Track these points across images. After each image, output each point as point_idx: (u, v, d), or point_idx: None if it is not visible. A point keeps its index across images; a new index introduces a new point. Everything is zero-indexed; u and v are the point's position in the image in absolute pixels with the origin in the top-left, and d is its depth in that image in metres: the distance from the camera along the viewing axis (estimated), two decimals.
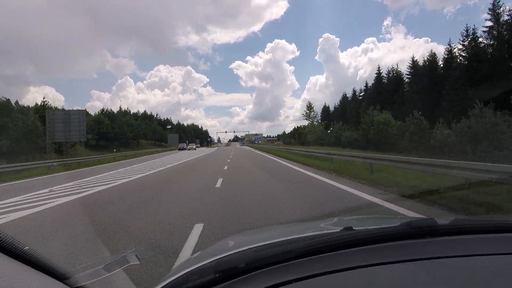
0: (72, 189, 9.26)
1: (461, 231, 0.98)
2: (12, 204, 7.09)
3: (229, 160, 21.15)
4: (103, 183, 10.34)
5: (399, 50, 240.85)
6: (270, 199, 6.54)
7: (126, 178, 11.94)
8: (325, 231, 1.27)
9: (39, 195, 8.21)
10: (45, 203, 6.86)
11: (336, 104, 70.87)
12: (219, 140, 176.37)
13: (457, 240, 0.93)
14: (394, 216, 4.71)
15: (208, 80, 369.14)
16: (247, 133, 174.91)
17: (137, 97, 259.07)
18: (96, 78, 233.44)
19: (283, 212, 5.31)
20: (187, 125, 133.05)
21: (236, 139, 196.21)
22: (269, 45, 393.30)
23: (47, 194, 8.45)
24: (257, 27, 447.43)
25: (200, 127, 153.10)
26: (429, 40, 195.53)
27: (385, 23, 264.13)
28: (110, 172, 14.82)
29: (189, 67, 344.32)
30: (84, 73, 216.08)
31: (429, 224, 0.94)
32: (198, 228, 4.34)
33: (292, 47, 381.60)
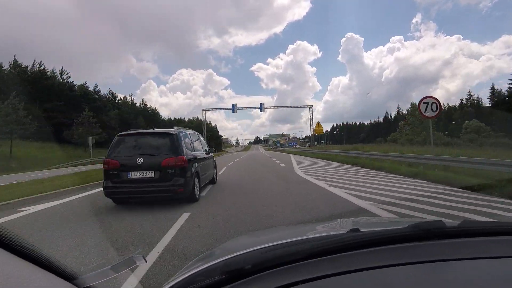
0: None
1: (469, 233, 0.97)
2: None
3: None
4: None
5: (428, 48, 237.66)
6: None
7: None
8: (332, 233, 1.26)
9: None
10: None
11: None
12: (237, 142, 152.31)
13: (465, 243, 0.92)
14: (401, 218, 4.67)
15: (229, 83, 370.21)
16: (271, 133, 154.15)
17: (159, 100, 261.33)
18: (121, 82, 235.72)
19: None
20: (188, 119, 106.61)
21: (257, 140, 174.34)
22: (291, 46, 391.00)
23: None
24: (278, 29, 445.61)
25: (207, 122, 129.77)
26: (461, 37, 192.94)
27: (414, 20, 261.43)
28: None
29: (210, 70, 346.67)
30: (110, 78, 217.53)
31: (437, 226, 0.93)
32: None
33: (314, 48, 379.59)
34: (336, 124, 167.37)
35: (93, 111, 47.58)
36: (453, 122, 55.34)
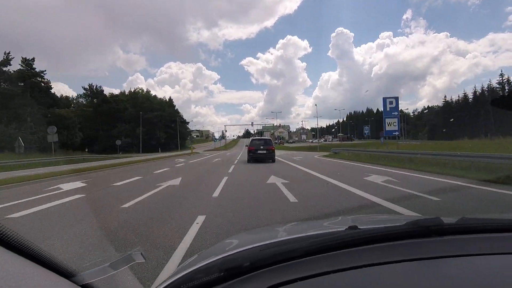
0: None
1: (468, 230, 0.97)
2: None
3: None
4: None
5: (418, 45, 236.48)
6: None
7: None
8: (330, 230, 1.27)
9: None
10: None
11: None
12: (223, 135, 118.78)
13: (464, 239, 0.93)
14: (399, 215, 4.69)
15: (219, 77, 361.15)
16: (265, 124, 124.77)
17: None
18: (107, 75, 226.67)
19: None
20: (135, 90, 72.76)
21: (248, 134, 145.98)
22: (281, 41, 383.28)
23: None
24: (269, 23, 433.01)
25: (162, 98, 77.91)
26: (448, 35, 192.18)
27: (404, 16, 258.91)
28: None
29: (199, 64, 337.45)
30: (96, 70, 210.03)
31: (435, 223, 0.93)
32: None
33: (305, 43, 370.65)
34: (354, 112, 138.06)
35: None
36: None
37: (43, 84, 50.03)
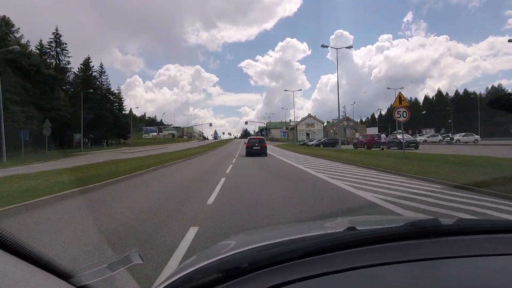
0: None
1: (465, 231, 0.98)
2: None
3: None
4: None
5: (418, 48, 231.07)
6: None
7: None
8: (329, 231, 1.27)
9: None
10: None
11: None
12: (215, 135, 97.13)
13: (461, 241, 0.93)
14: (397, 217, 4.71)
15: (217, 79, 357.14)
16: (272, 120, 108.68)
17: (145, 96, 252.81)
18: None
19: None
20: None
21: (247, 134, 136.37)
22: (280, 43, 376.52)
23: None
24: (269, 25, 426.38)
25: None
26: (448, 38, 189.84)
27: (405, 19, 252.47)
28: None
29: (198, 66, 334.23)
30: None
31: (433, 225, 0.94)
32: None
33: (304, 45, 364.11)
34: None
35: None
36: None
37: None
